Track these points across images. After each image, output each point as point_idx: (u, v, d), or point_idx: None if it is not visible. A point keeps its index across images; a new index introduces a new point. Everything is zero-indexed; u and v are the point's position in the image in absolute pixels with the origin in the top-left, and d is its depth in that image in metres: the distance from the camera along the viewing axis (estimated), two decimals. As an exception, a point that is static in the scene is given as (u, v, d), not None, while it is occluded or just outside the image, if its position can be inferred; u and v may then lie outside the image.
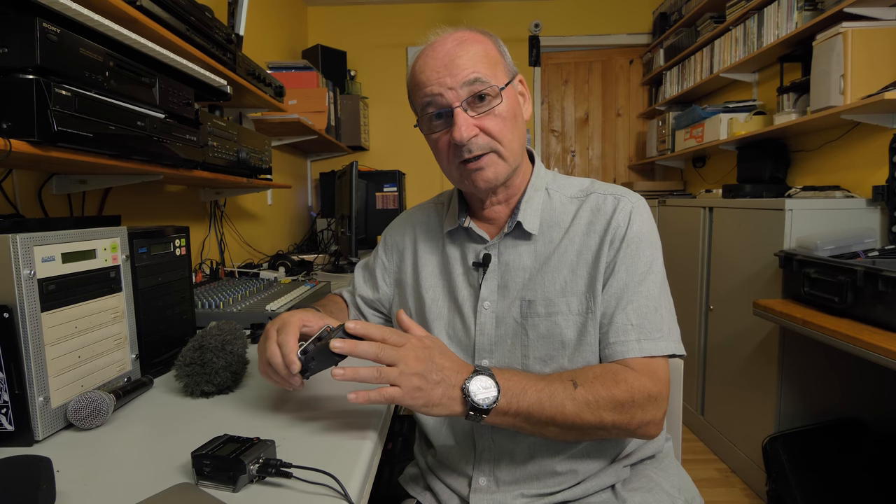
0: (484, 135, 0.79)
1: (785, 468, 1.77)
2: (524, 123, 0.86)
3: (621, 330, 0.78)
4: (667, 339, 0.78)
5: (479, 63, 0.79)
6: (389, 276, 1.00)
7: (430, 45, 0.82)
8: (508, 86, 0.81)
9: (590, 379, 0.73)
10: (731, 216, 2.23)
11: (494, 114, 0.79)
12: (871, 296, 1.43)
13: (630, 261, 0.80)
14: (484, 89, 0.78)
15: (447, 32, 0.82)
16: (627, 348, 0.77)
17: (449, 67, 0.78)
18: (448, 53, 0.79)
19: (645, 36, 3.92)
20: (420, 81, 0.81)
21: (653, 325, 0.78)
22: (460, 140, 0.78)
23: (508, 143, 0.81)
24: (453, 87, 0.78)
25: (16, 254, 0.64)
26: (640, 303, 0.78)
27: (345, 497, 0.57)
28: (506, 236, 0.86)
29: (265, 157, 1.84)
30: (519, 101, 0.85)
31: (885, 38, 1.88)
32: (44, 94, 0.75)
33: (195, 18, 1.29)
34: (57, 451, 0.66)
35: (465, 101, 0.78)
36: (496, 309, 0.85)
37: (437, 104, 0.80)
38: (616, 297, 0.79)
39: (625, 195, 0.84)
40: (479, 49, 0.80)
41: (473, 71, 0.78)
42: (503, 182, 0.84)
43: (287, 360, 0.70)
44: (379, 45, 3.90)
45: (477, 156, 0.80)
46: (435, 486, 0.89)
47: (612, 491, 0.82)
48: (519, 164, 0.85)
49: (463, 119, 0.78)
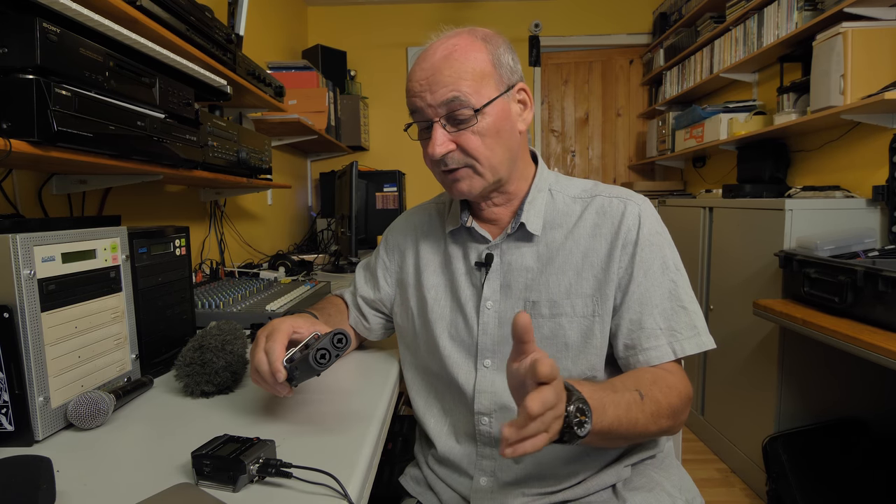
0: (459, 151, 0.80)
1: (785, 468, 1.77)
2: (516, 135, 0.84)
3: (652, 335, 0.78)
4: (698, 335, 0.79)
5: (462, 80, 0.77)
6: (391, 276, 1.00)
7: (423, 53, 0.82)
8: (498, 99, 0.80)
9: (649, 386, 0.73)
10: (731, 216, 2.23)
11: (472, 131, 0.79)
12: (871, 296, 1.43)
13: (647, 264, 0.80)
14: (460, 109, 0.78)
15: (442, 38, 0.81)
16: (661, 353, 0.78)
17: (430, 82, 0.78)
18: (432, 66, 0.79)
19: (645, 36, 3.92)
20: (409, 89, 0.82)
21: (682, 324, 0.79)
22: (433, 156, 0.79)
23: (486, 159, 0.81)
24: (432, 104, 0.79)
25: (16, 254, 0.64)
26: (665, 305, 0.79)
27: (345, 497, 0.57)
28: (508, 236, 0.86)
29: (265, 157, 1.84)
30: (512, 111, 0.83)
31: (885, 38, 1.88)
32: (44, 94, 0.75)
33: (195, 18, 1.29)
34: (57, 451, 0.65)
35: (443, 116, 0.79)
36: (499, 309, 0.85)
37: (420, 115, 0.81)
38: (640, 301, 0.79)
39: (631, 198, 0.84)
40: (467, 64, 0.78)
41: (453, 89, 0.77)
42: (480, 195, 0.85)
43: (272, 368, 0.70)
44: (379, 45, 3.90)
45: (452, 168, 0.81)
46: (436, 486, 0.89)
47: (613, 491, 0.82)
48: (503, 176, 0.84)
49: (439, 135, 0.79)
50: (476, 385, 0.84)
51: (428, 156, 0.82)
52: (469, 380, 0.86)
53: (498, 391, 0.83)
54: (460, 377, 0.86)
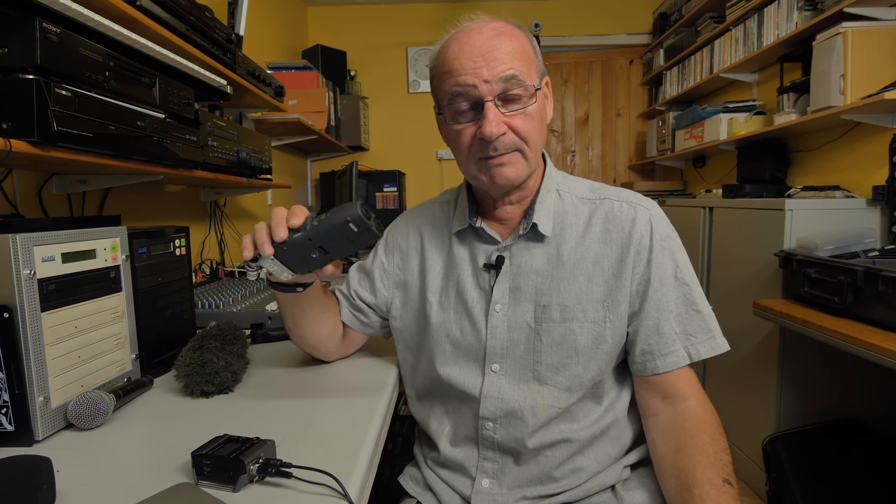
0: (512, 133, 0.77)
1: (785, 468, 1.77)
2: (546, 125, 0.83)
3: (669, 340, 0.79)
4: (713, 338, 0.80)
5: (516, 59, 0.75)
6: (388, 278, 0.95)
7: (465, 31, 0.77)
8: (540, 87, 0.79)
9: (713, 455, 0.74)
10: (731, 216, 2.23)
11: (525, 113, 0.77)
12: (871, 296, 1.43)
13: (662, 269, 0.80)
14: (519, 87, 0.75)
15: (483, 20, 0.78)
16: (678, 357, 0.79)
17: (486, 58, 0.74)
18: (486, 43, 0.74)
19: (645, 36, 3.92)
20: (452, 68, 0.76)
21: (697, 328, 0.80)
22: (489, 136, 0.74)
23: (534, 144, 0.79)
24: (489, 79, 0.74)
25: (16, 254, 0.64)
26: (680, 309, 0.80)
27: (345, 497, 0.57)
28: (519, 238, 0.84)
29: (265, 157, 1.84)
30: (545, 103, 0.83)
31: (885, 38, 1.88)
32: (44, 94, 0.75)
33: (195, 18, 1.29)
34: (57, 451, 0.66)
35: (497, 96, 0.75)
36: (508, 313, 0.83)
37: (469, 95, 0.75)
38: (657, 307, 0.79)
39: (640, 202, 0.84)
40: (517, 44, 0.76)
41: (511, 67, 0.74)
42: (520, 183, 0.82)
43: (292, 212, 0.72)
44: (379, 45, 3.89)
45: (501, 153, 0.77)
46: (436, 487, 0.88)
47: (613, 491, 0.82)
48: (537, 167, 0.84)
49: (494, 114, 0.74)
50: (483, 390, 0.83)
51: (473, 138, 0.77)
52: (476, 384, 0.84)
53: (505, 397, 0.82)
54: (466, 381, 0.84)
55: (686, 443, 0.75)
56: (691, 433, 0.75)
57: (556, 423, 0.81)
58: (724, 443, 0.76)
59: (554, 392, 0.81)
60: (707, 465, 0.72)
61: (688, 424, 0.76)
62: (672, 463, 0.76)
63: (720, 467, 0.73)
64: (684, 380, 0.79)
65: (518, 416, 0.81)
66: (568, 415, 0.82)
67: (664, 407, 0.80)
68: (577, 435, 0.81)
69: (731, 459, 0.75)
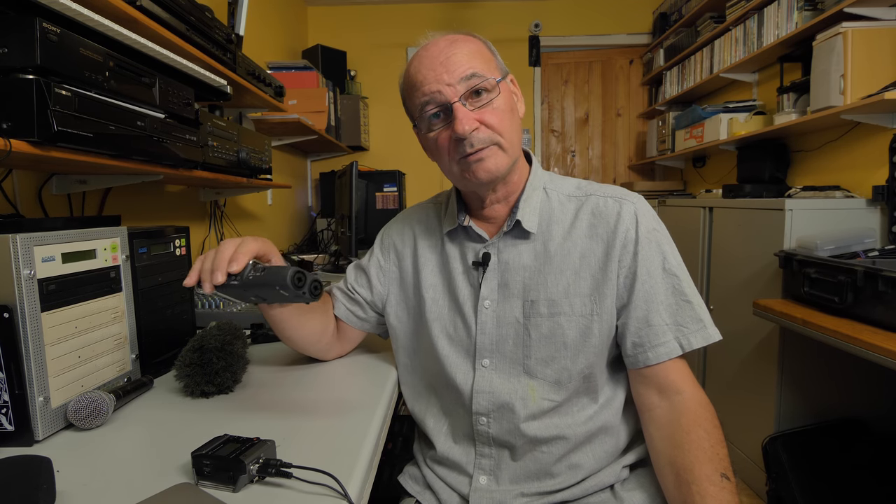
0: (484, 128, 0.79)
1: (785, 468, 1.77)
2: (518, 119, 0.86)
3: (660, 331, 0.79)
4: (705, 328, 0.80)
5: (475, 59, 0.80)
6: (385, 276, 0.97)
7: (423, 48, 0.84)
8: (503, 80, 0.82)
9: (710, 449, 0.74)
10: (731, 216, 2.23)
11: (493, 107, 0.80)
12: (871, 296, 1.43)
13: (649, 262, 0.80)
14: (481, 83, 0.79)
15: (438, 35, 0.84)
16: (669, 348, 0.79)
17: (445, 64, 0.79)
18: (442, 52, 0.80)
19: (645, 36, 3.92)
20: (417, 81, 0.82)
21: (687, 318, 0.80)
22: (462, 133, 0.77)
23: (508, 135, 0.81)
24: (451, 83, 0.78)
25: (16, 254, 0.64)
26: (669, 300, 0.80)
27: (345, 497, 0.57)
28: (505, 235, 0.86)
29: (265, 157, 1.84)
30: (513, 97, 0.86)
31: (885, 38, 1.88)
32: (44, 94, 0.75)
33: (195, 18, 1.29)
34: (57, 451, 0.66)
35: (462, 95, 0.78)
36: (497, 308, 0.85)
37: (436, 101, 0.80)
38: (646, 299, 0.80)
39: (625, 197, 0.85)
40: (473, 47, 0.82)
41: (470, 66, 0.79)
42: (504, 175, 0.83)
43: (234, 257, 0.71)
44: (379, 45, 3.89)
45: (478, 149, 0.80)
46: (435, 485, 0.89)
47: (612, 491, 0.83)
48: (517, 159, 0.86)
49: (463, 113, 0.78)
50: (474, 385, 0.84)
51: (449, 140, 0.80)
52: (467, 380, 0.85)
53: (496, 391, 0.83)
54: (458, 377, 0.86)
55: (682, 438, 0.75)
56: (687, 428, 0.75)
57: (549, 417, 0.82)
58: (720, 435, 0.76)
59: (544, 385, 0.82)
60: (704, 461, 0.73)
61: (683, 419, 0.76)
62: (669, 459, 0.76)
63: (717, 462, 0.73)
64: (678, 372, 0.80)
65: (509, 407, 0.82)
66: (562, 410, 0.82)
67: (659, 402, 0.80)
68: (571, 431, 0.81)
69: (727, 452, 0.75)
